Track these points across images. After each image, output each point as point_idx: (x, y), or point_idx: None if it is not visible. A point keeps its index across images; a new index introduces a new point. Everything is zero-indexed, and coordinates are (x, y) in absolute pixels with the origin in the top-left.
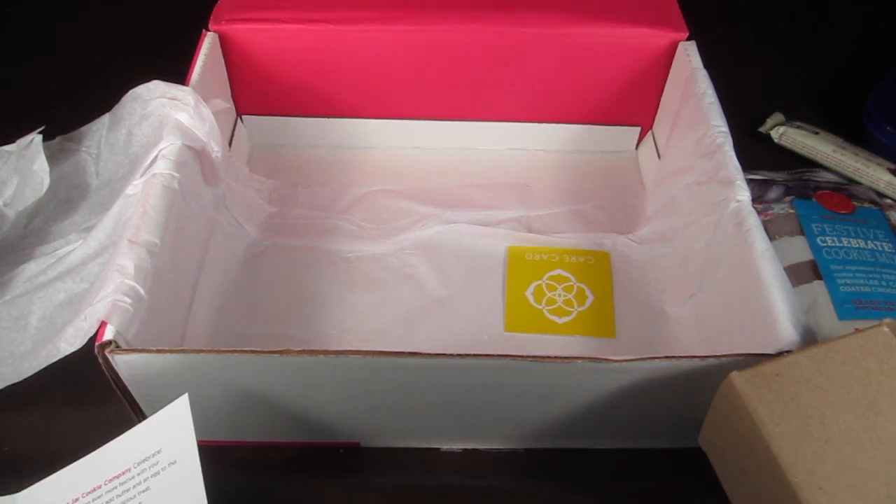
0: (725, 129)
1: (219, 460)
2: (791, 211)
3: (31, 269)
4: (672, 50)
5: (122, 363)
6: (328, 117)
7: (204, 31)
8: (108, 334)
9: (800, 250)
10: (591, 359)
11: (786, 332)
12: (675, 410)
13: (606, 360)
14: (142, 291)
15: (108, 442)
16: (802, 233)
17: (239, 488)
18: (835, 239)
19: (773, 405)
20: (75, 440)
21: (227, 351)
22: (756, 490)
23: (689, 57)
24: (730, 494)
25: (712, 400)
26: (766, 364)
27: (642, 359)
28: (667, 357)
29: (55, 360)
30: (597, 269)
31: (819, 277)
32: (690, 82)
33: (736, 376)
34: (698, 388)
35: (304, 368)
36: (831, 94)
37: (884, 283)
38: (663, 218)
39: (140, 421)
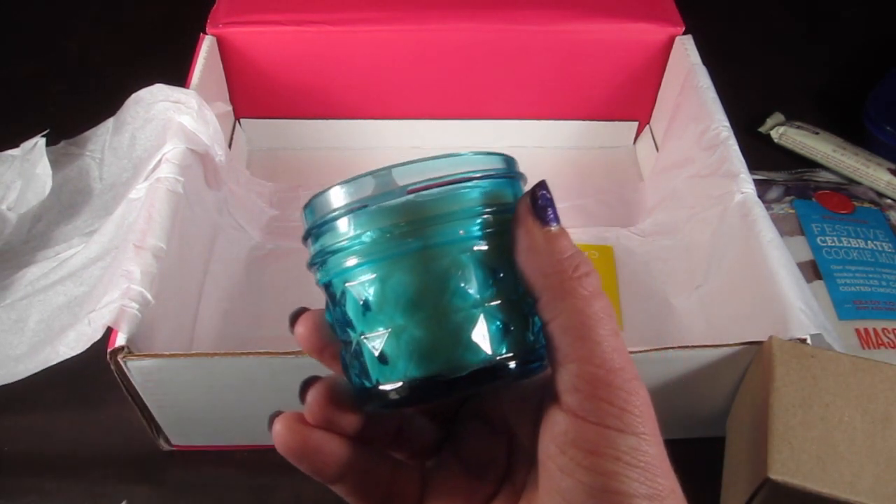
0: (727, 123)
1: (222, 461)
2: (791, 211)
3: (32, 273)
4: (669, 44)
5: (135, 369)
6: (327, 119)
7: (202, 34)
8: (121, 340)
9: (800, 250)
10: None
11: (797, 318)
12: (687, 400)
13: None
14: (149, 296)
15: (107, 442)
16: (802, 233)
17: (241, 489)
18: (835, 239)
19: (792, 371)
20: (75, 441)
21: (241, 354)
22: (741, 450)
23: (686, 51)
24: (724, 482)
25: (745, 375)
26: (807, 345)
27: (658, 349)
28: (682, 347)
29: (53, 363)
30: (601, 263)
31: (819, 277)
32: (691, 76)
33: (775, 339)
34: (711, 377)
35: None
36: (831, 94)
37: (884, 283)
38: (665, 210)
39: (149, 425)
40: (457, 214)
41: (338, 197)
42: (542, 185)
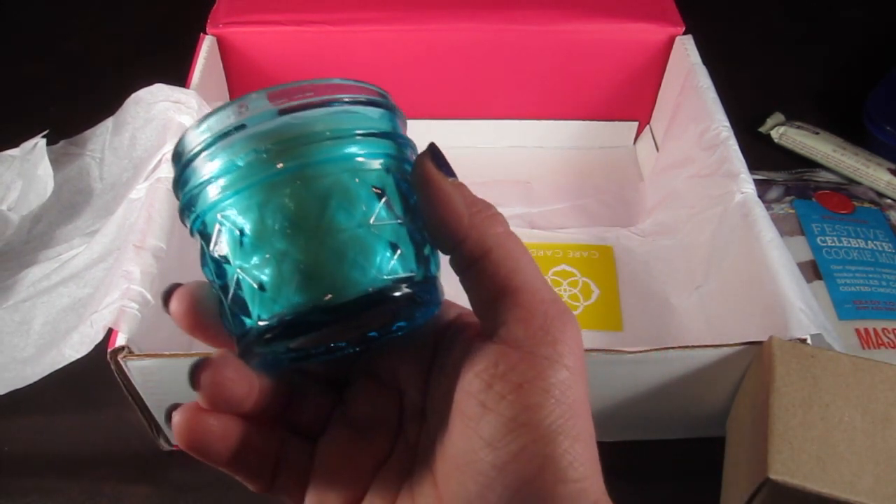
0: (727, 123)
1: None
2: (791, 211)
3: (34, 273)
4: (669, 44)
5: (136, 369)
6: None
7: (202, 34)
8: (121, 340)
9: (800, 250)
10: (607, 351)
11: (797, 318)
12: (687, 400)
13: (622, 351)
14: (149, 296)
15: (107, 442)
16: (802, 233)
17: (241, 489)
18: (835, 239)
19: (792, 372)
20: (75, 441)
21: None
22: (741, 450)
23: (686, 51)
24: (724, 482)
25: (745, 373)
26: (807, 345)
27: (658, 349)
28: (682, 347)
29: (60, 366)
30: (601, 263)
31: (819, 277)
32: (691, 76)
33: (775, 339)
34: (711, 377)
35: None
36: (831, 94)
37: (884, 283)
38: (665, 210)
39: (149, 425)
40: (334, 133)
41: (208, 126)
42: (434, 144)
